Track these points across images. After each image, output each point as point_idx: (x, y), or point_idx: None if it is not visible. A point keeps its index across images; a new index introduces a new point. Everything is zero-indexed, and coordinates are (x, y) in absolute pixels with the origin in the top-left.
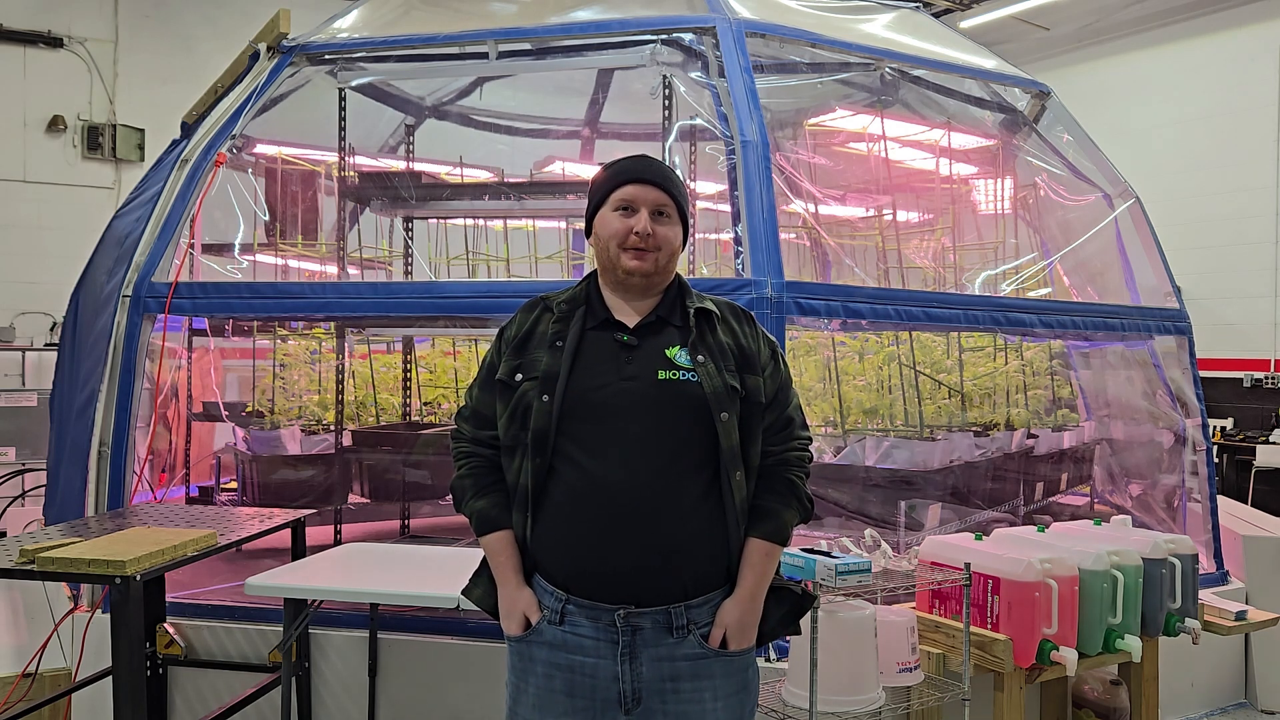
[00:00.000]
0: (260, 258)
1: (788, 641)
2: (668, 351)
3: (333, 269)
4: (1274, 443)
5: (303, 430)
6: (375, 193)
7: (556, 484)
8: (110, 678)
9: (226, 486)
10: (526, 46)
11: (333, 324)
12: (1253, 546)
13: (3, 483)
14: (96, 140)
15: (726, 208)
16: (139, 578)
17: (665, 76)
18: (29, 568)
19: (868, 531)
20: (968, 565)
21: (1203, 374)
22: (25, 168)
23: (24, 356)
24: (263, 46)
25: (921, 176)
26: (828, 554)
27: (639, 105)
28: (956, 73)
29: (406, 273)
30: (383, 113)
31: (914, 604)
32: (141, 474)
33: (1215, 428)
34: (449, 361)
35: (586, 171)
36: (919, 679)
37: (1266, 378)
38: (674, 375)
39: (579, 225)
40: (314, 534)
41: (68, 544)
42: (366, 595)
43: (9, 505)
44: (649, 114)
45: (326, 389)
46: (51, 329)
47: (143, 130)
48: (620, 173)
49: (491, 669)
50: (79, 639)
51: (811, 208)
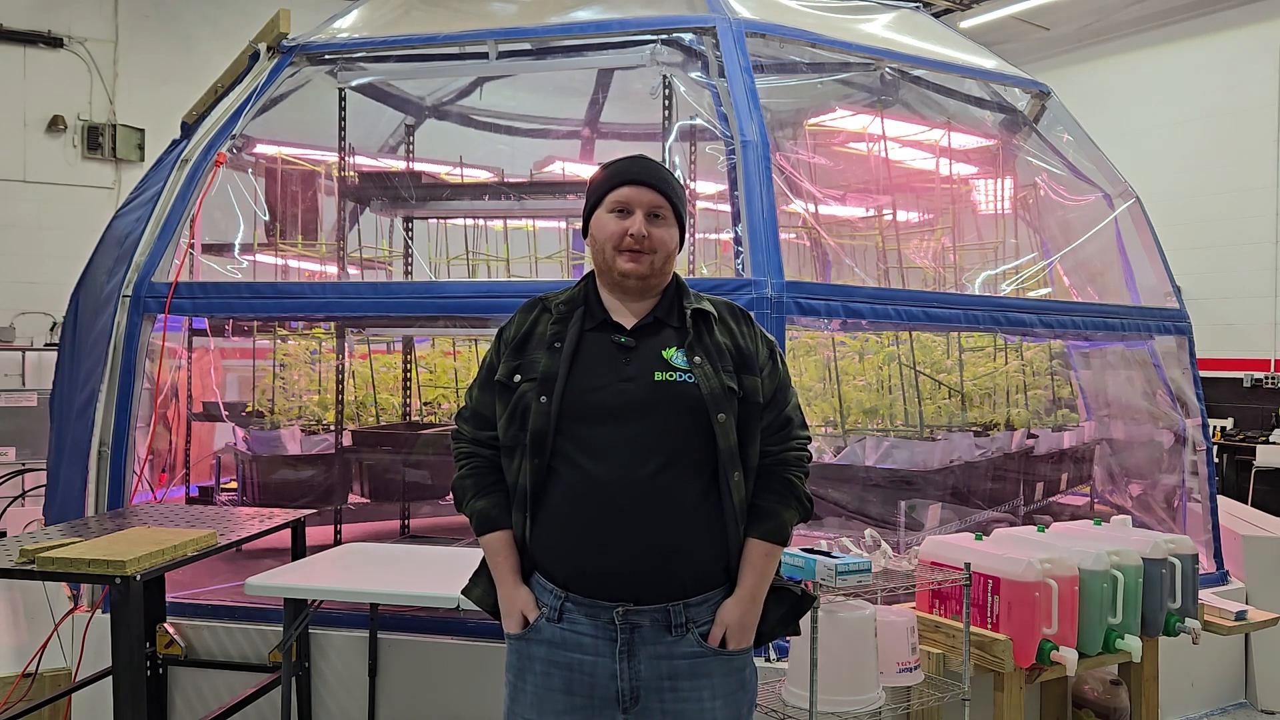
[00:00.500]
0: (260, 258)
1: (788, 641)
2: (665, 353)
3: (333, 269)
4: (1274, 443)
5: (303, 430)
6: (375, 193)
7: (555, 484)
8: (110, 678)
9: (226, 486)
10: (526, 46)
11: (333, 324)
12: (1253, 546)
13: (3, 483)
14: (96, 140)
15: (726, 208)
16: (139, 578)
17: (665, 76)
18: (29, 568)
19: (868, 531)
20: (968, 565)
21: (1203, 374)
22: (25, 168)
23: (24, 356)
24: (263, 46)
25: (921, 176)
26: (828, 554)
27: (639, 105)
28: (956, 73)
29: (406, 273)
30: (383, 113)
31: (914, 604)
32: (141, 474)
33: (1215, 428)
34: (449, 361)
35: (586, 171)
36: (919, 679)
37: (1266, 378)
38: (671, 377)
39: (579, 225)
40: (314, 534)
41: (68, 544)
42: (366, 595)
43: (9, 505)
44: (649, 114)
45: (326, 389)
46: (51, 329)
47: (143, 130)
48: (616, 174)
49: (491, 669)
50: (79, 639)
51: (811, 208)
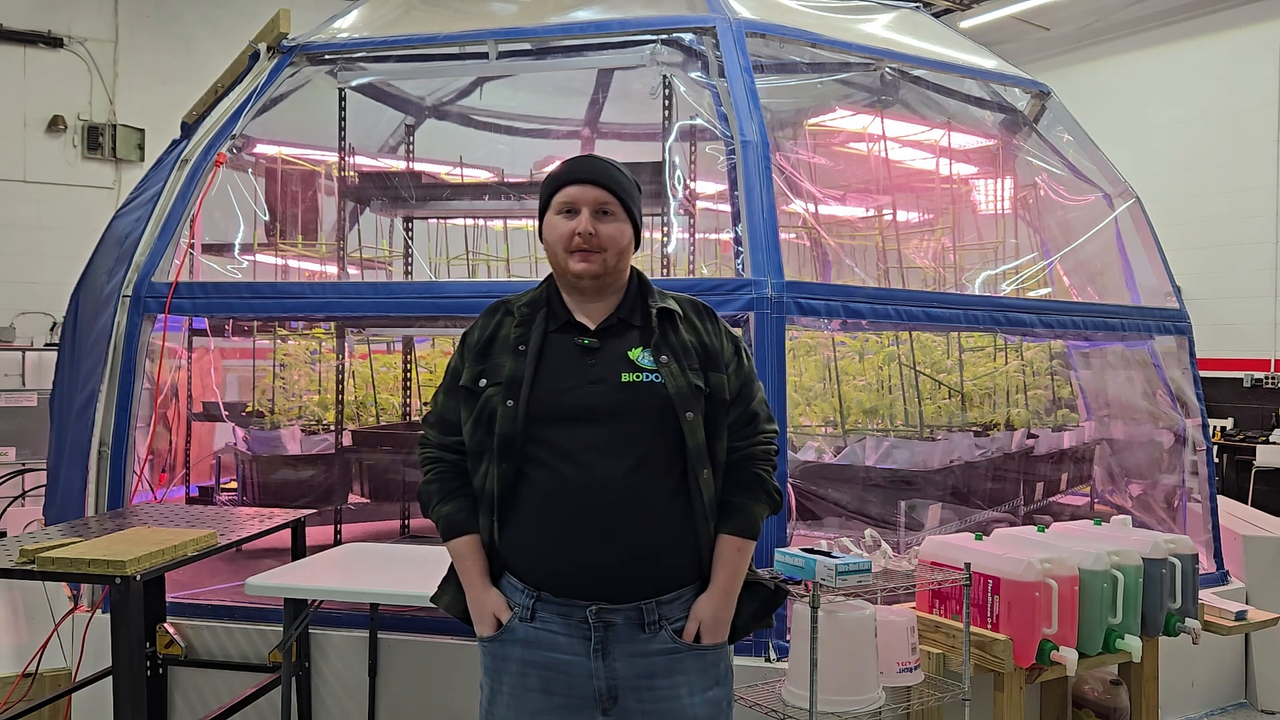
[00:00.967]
0: (260, 258)
1: (787, 641)
2: (630, 353)
3: (333, 269)
4: (1274, 443)
5: (303, 430)
6: (375, 193)
7: (526, 487)
8: (110, 678)
9: (226, 486)
10: (526, 46)
11: (333, 324)
12: (1253, 546)
13: (3, 483)
14: (96, 140)
15: (726, 208)
16: (139, 578)
17: (665, 76)
18: (29, 568)
19: (868, 531)
20: (968, 565)
21: (1203, 374)
22: (25, 168)
23: (24, 356)
24: (263, 46)
25: (921, 176)
26: (828, 554)
27: (639, 105)
28: (956, 73)
29: (406, 273)
30: (383, 113)
31: (914, 604)
32: (141, 474)
33: (1215, 428)
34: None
35: None
36: (919, 679)
37: (1266, 378)
38: (637, 377)
39: None
40: (314, 534)
41: (68, 544)
42: (366, 595)
43: (9, 505)
44: (649, 114)
45: (326, 389)
46: (51, 329)
47: (143, 130)
48: (560, 175)
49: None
50: (79, 639)
51: (811, 208)
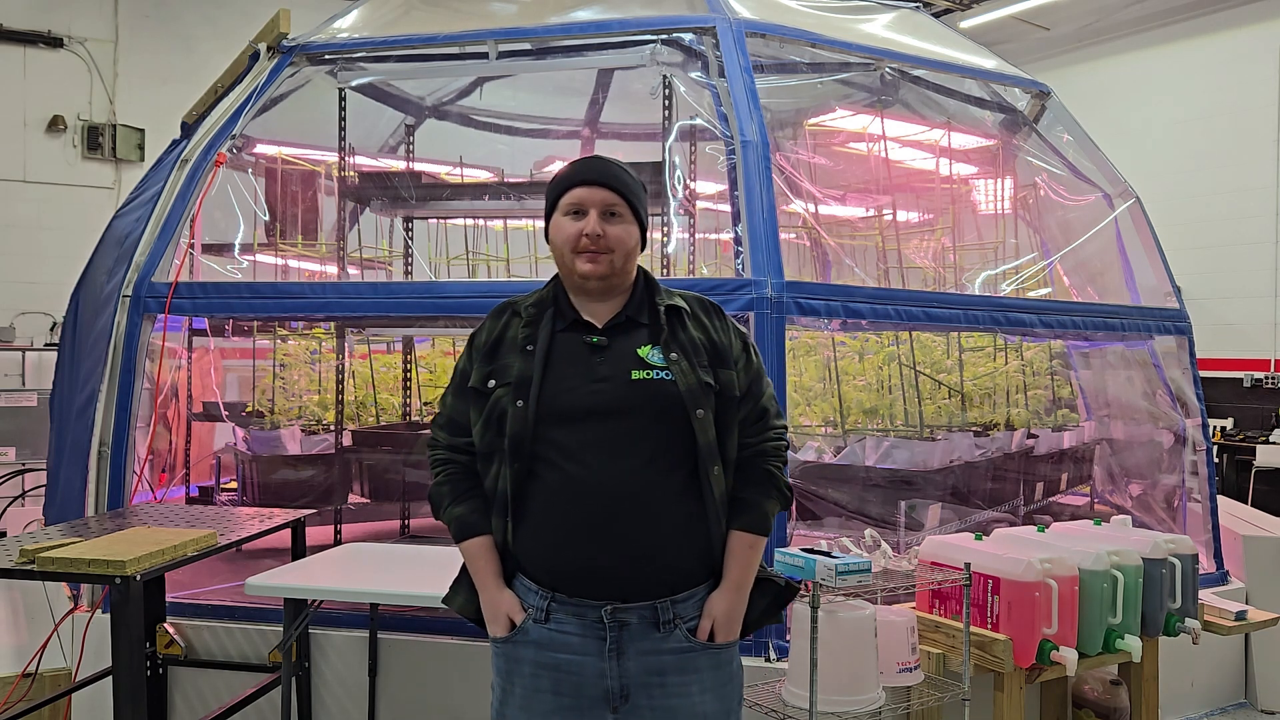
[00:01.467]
0: (260, 258)
1: (787, 641)
2: (640, 351)
3: (333, 269)
4: (1274, 443)
5: (303, 430)
6: (375, 193)
7: (537, 487)
8: (110, 678)
9: (226, 486)
10: (526, 46)
11: (333, 324)
12: (1253, 546)
13: (3, 483)
14: (96, 140)
15: (726, 208)
16: (139, 578)
17: (665, 76)
18: (29, 568)
19: (868, 531)
20: (968, 565)
21: (1203, 374)
22: (25, 168)
23: (24, 356)
24: (263, 46)
25: (921, 176)
26: (828, 554)
27: (639, 105)
28: (956, 73)
29: (406, 273)
30: (383, 113)
31: (914, 604)
32: (141, 474)
33: (1215, 428)
34: (449, 361)
35: None
36: (919, 679)
37: (1266, 378)
38: (648, 375)
39: None
40: (314, 534)
41: (68, 544)
42: (366, 595)
43: (9, 505)
44: (649, 114)
45: (326, 389)
46: (51, 329)
47: (143, 130)
48: (568, 176)
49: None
50: (79, 639)
51: (811, 208)
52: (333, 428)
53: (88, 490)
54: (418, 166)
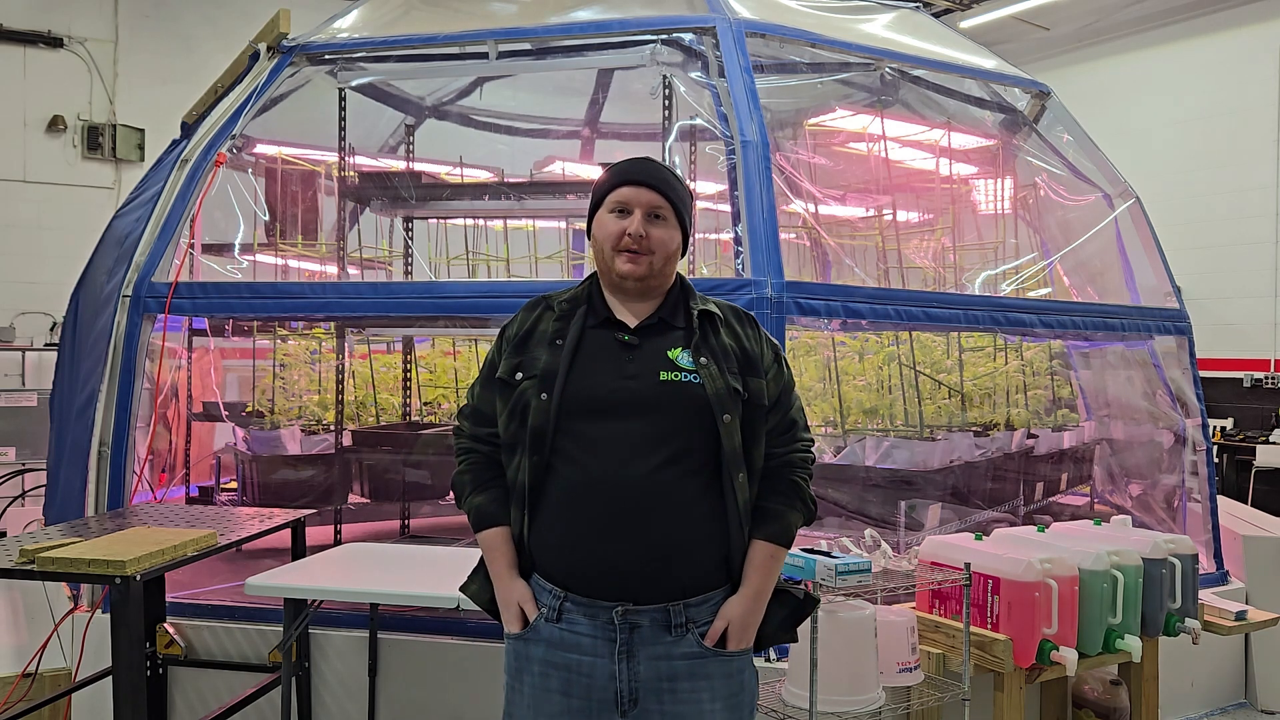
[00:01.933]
0: (260, 258)
1: None
2: (670, 353)
3: (333, 269)
4: (1274, 443)
5: (303, 430)
6: (375, 193)
7: (555, 482)
8: (110, 678)
9: (226, 486)
10: (526, 46)
11: (333, 324)
12: (1253, 546)
13: (3, 483)
14: (96, 140)
15: (726, 208)
16: (139, 578)
17: (665, 76)
18: (29, 568)
19: (868, 531)
20: (968, 565)
21: (1203, 374)
22: (25, 168)
23: (24, 356)
24: (263, 46)
25: (921, 176)
26: (828, 554)
27: (639, 105)
28: (956, 73)
29: (406, 273)
30: (383, 113)
31: (914, 604)
32: (141, 474)
33: (1215, 428)
34: (449, 361)
35: (586, 171)
36: (919, 679)
37: (1266, 378)
38: (676, 376)
39: (579, 225)
40: (314, 534)
41: (68, 544)
42: (366, 595)
43: (9, 505)
44: (649, 114)
45: (326, 389)
46: (51, 329)
47: (143, 130)
48: (617, 175)
49: (492, 669)
50: (79, 639)
51: (811, 208)
52: (333, 428)
53: (88, 490)
54: (418, 166)
